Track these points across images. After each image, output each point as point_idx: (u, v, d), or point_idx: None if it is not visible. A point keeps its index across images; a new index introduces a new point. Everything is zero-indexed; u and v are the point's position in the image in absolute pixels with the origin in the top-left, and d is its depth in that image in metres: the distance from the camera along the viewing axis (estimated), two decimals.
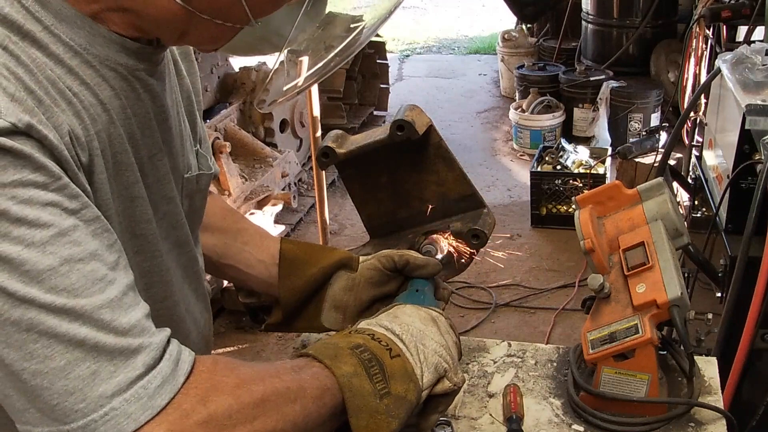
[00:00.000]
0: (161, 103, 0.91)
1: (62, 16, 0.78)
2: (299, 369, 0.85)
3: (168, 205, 0.96)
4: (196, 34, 0.84)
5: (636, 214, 1.27)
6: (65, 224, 0.71)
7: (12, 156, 0.68)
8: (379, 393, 0.88)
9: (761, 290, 1.68)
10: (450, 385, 0.97)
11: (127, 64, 0.84)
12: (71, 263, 0.70)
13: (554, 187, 4.16)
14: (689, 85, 3.55)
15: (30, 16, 0.76)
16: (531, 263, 3.90)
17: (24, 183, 0.68)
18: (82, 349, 0.69)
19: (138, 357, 0.72)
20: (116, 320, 0.71)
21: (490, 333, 3.35)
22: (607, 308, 1.20)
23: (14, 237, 0.67)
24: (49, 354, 0.68)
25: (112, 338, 0.71)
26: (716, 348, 1.88)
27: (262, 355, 3.21)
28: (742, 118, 1.90)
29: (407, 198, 1.38)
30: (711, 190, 2.38)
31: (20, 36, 0.74)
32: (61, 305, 0.69)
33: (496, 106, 6.34)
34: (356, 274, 1.22)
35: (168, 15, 0.79)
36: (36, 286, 0.68)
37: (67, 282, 0.69)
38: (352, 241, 4.03)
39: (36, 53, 0.75)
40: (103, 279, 0.72)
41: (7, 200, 0.67)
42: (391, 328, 0.97)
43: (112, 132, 0.83)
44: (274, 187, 3.99)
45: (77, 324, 0.69)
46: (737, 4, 3.00)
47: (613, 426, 1.18)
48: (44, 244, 0.69)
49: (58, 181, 0.71)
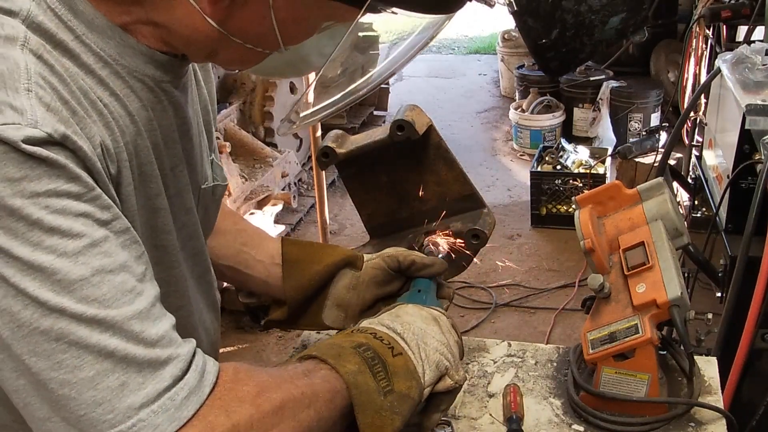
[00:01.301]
0: (184, 115, 0.92)
1: (94, 25, 0.78)
2: (310, 373, 0.85)
3: (186, 216, 0.97)
4: (226, 55, 0.85)
5: (636, 214, 1.27)
6: (97, 235, 0.71)
7: (47, 165, 0.68)
8: (383, 390, 0.88)
9: (761, 290, 1.68)
10: (451, 382, 0.98)
11: (154, 75, 0.84)
12: (102, 274, 0.70)
13: (554, 187, 4.16)
14: (689, 85, 3.54)
15: (62, 24, 0.76)
16: (531, 263, 3.90)
17: (58, 193, 0.69)
18: (112, 360, 0.69)
19: (166, 368, 0.72)
20: (145, 331, 0.72)
21: (490, 333, 3.35)
22: (607, 308, 1.20)
23: (47, 246, 0.67)
24: (78, 364, 0.68)
25: (141, 349, 0.71)
26: (716, 348, 1.87)
27: (262, 355, 3.21)
28: (742, 118, 1.90)
29: (407, 198, 1.38)
30: (711, 190, 2.38)
31: (53, 44, 0.75)
32: (91, 316, 0.69)
33: (496, 106, 6.34)
34: (360, 273, 1.22)
35: (200, 35, 0.80)
36: (67, 296, 0.68)
37: (98, 293, 0.69)
38: (352, 241, 4.03)
39: (68, 63, 0.76)
40: (133, 290, 0.72)
41: (40, 209, 0.67)
42: (392, 327, 0.98)
43: (138, 143, 0.83)
44: (274, 187, 3.99)
45: (107, 335, 0.69)
46: (737, 4, 3.00)
47: (613, 426, 1.18)
48: (76, 254, 0.69)
49: (91, 192, 0.72)
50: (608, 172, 4.25)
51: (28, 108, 0.68)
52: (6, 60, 0.70)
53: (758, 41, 2.56)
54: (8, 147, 0.66)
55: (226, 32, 0.80)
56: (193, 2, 0.77)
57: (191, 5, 0.77)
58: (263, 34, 0.80)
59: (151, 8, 0.79)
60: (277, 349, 3.27)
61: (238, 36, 0.81)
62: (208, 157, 1.05)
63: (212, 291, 1.11)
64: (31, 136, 0.67)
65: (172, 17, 0.79)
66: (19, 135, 0.66)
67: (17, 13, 0.74)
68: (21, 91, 0.69)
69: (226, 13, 0.77)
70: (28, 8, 0.74)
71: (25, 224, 0.67)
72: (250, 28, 0.80)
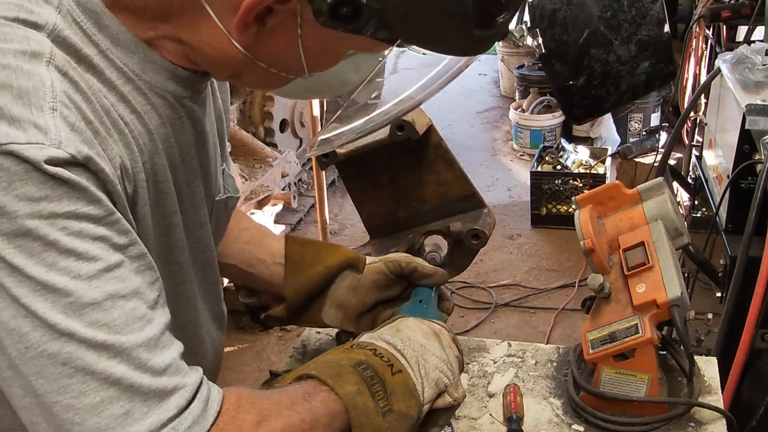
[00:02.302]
0: (201, 129, 0.91)
1: (118, 40, 0.78)
2: (309, 396, 0.85)
3: (199, 230, 0.97)
4: (250, 77, 0.85)
5: (636, 214, 1.27)
6: (112, 260, 0.70)
7: (68, 187, 0.67)
8: (381, 410, 0.88)
9: (761, 290, 1.68)
10: (450, 400, 0.97)
11: (175, 91, 0.84)
12: (114, 299, 0.70)
13: (554, 187, 4.16)
14: (689, 85, 3.54)
15: (87, 39, 0.76)
16: (531, 263, 3.90)
17: (77, 215, 0.68)
18: (117, 388, 0.69)
19: (171, 398, 0.72)
20: (152, 360, 0.71)
21: (490, 333, 3.35)
22: (607, 308, 1.20)
23: (61, 267, 0.67)
24: (83, 390, 0.68)
25: (148, 378, 0.70)
26: (716, 348, 1.87)
27: (263, 355, 3.21)
28: (742, 118, 1.90)
29: (407, 198, 1.38)
30: (711, 190, 2.38)
31: (77, 59, 0.74)
32: (100, 341, 0.68)
33: (496, 106, 6.34)
34: (361, 276, 1.22)
35: (225, 57, 0.80)
36: (77, 320, 0.67)
37: (109, 318, 0.69)
38: (352, 241, 4.03)
39: (92, 79, 0.75)
40: (143, 318, 0.72)
41: (57, 230, 0.67)
42: (393, 342, 0.97)
43: (156, 161, 0.83)
44: (274, 187, 3.98)
45: (115, 361, 0.69)
46: (737, 4, 3.00)
47: (613, 426, 1.18)
48: (90, 277, 0.68)
49: (110, 216, 0.71)
50: (608, 172, 4.25)
51: (52, 127, 0.68)
52: (31, 77, 0.69)
53: (758, 41, 2.56)
54: (30, 166, 0.66)
55: (253, 57, 0.80)
56: (221, 26, 0.77)
57: (219, 28, 0.77)
58: (289, 61, 0.81)
59: (178, 26, 0.79)
60: (277, 349, 3.27)
61: (264, 61, 0.81)
62: (219, 168, 1.04)
63: (219, 303, 1.10)
64: (54, 156, 0.66)
65: (198, 37, 0.79)
66: (42, 155, 0.66)
67: (43, 26, 0.73)
68: (45, 110, 0.68)
69: (254, 39, 0.77)
70: (54, 22, 0.74)
71: (41, 244, 0.66)
72: (277, 54, 0.80)
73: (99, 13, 0.76)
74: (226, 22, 0.76)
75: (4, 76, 0.68)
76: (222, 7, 0.76)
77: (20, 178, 0.65)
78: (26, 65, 0.69)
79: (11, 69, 0.68)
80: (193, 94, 0.87)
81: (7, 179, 0.65)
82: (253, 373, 3.07)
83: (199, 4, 0.76)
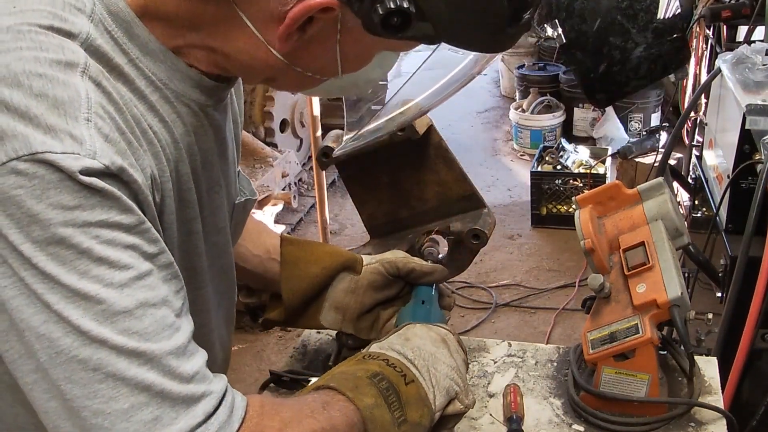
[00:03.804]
0: (222, 136, 0.92)
1: (148, 49, 0.78)
2: (328, 405, 0.86)
3: (218, 236, 0.97)
4: (284, 81, 0.87)
5: (636, 214, 1.27)
6: (143, 268, 0.71)
7: (101, 196, 0.68)
8: (397, 421, 0.90)
9: (761, 290, 1.68)
10: (461, 407, 0.99)
11: (199, 100, 0.84)
12: (145, 307, 0.70)
13: (554, 187, 4.16)
14: (689, 85, 3.54)
15: (118, 47, 0.76)
16: (531, 263, 3.90)
17: (109, 224, 0.69)
18: (147, 394, 0.69)
19: (199, 405, 0.73)
20: (181, 367, 0.72)
21: (490, 333, 3.35)
22: (607, 308, 1.20)
23: (93, 276, 0.68)
24: (113, 395, 0.68)
25: (177, 385, 0.71)
26: (716, 348, 1.87)
27: (263, 355, 3.21)
28: (742, 118, 1.90)
29: (407, 198, 1.38)
30: (711, 190, 2.38)
31: (109, 69, 0.75)
32: (132, 348, 0.69)
33: (496, 106, 6.34)
34: (359, 277, 1.22)
35: (261, 64, 0.81)
36: (109, 327, 0.68)
37: (140, 326, 0.70)
38: (352, 241, 4.03)
39: (123, 89, 0.76)
40: (172, 325, 0.73)
41: (90, 239, 0.68)
42: (403, 352, 0.98)
43: (180, 170, 0.84)
44: (274, 187, 3.99)
45: (145, 368, 0.69)
46: (737, 4, 3.00)
47: (613, 426, 1.18)
48: (122, 286, 0.69)
49: (142, 225, 0.72)
50: (608, 172, 4.25)
51: (87, 138, 0.68)
52: (67, 87, 0.69)
53: (758, 41, 2.56)
54: (65, 175, 0.66)
55: (290, 63, 0.81)
56: (259, 36, 0.77)
57: (256, 37, 0.78)
58: (325, 65, 0.83)
59: (209, 35, 0.80)
60: (277, 349, 3.27)
61: (300, 66, 0.82)
62: (236, 172, 1.05)
63: (232, 307, 1.11)
64: (89, 167, 0.67)
65: (232, 45, 0.80)
66: (77, 165, 0.66)
67: (76, 35, 0.73)
68: (81, 120, 0.69)
69: (293, 47, 0.78)
70: (87, 31, 0.74)
71: (74, 252, 0.67)
72: (315, 60, 0.82)
73: (129, 22, 0.77)
74: (264, 31, 0.77)
75: (40, 85, 0.68)
76: (259, 17, 0.76)
77: (54, 186, 0.66)
78: (62, 75, 0.70)
79: (47, 78, 0.69)
80: (215, 102, 0.88)
81: (41, 187, 0.66)
82: (253, 373, 3.07)
83: (235, 15, 0.76)
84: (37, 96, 0.68)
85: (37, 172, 0.66)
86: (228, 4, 0.76)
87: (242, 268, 1.22)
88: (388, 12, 0.72)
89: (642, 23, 0.79)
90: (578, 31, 0.85)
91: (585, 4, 0.81)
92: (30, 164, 0.66)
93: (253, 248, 1.22)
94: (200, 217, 0.90)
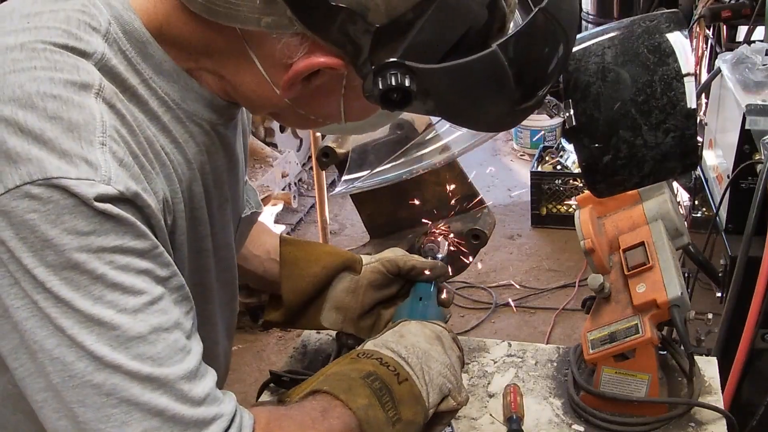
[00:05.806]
0: (232, 153, 0.92)
1: (161, 69, 0.78)
2: (326, 413, 0.87)
3: (224, 251, 0.97)
4: (288, 119, 0.88)
5: (636, 214, 1.27)
6: (156, 292, 0.71)
7: (115, 222, 0.68)
8: (391, 420, 0.90)
9: (761, 290, 1.68)
10: (454, 404, 0.99)
11: (211, 119, 0.84)
12: (158, 332, 0.71)
13: (554, 187, 4.16)
14: None
15: (131, 68, 0.76)
16: (531, 263, 3.89)
17: (124, 250, 0.69)
18: (160, 419, 0.70)
19: (210, 427, 0.73)
20: (192, 390, 0.72)
21: (490, 333, 3.35)
22: (607, 308, 1.20)
23: (108, 301, 0.68)
24: (126, 420, 0.69)
25: (188, 409, 0.71)
26: (716, 348, 1.87)
27: (263, 355, 3.21)
28: (742, 118, 1.90)
29: (407, 198, 1.38)
30: (711, 190, 2.38)
31: (122, 89, 0.75)
32: (146, 374, 0.69)
33: None
34: (359, 277, 1.22)
35: (265, 101, 0.81)
36: (123, 353, 0.68)
37: (153, 351, 0.70)
38: (352, 241, 4.03)
39: (135, 110, 0.76)
40: (183, 349, 0.73)
41: (104, 264, 0.68)
42: (397, 350, 0.98)
43: (193, 189, 0.84)
44: (274, 187, 3.98)
45: (158, 393, 0.70)
46: (737, 4, 3.00)
47: (613, 426, 1.18)
48: (136, 311, 0.69)
49: (155, 249, 0.72)
50: None
51: (102, 163, 0.68)
52: (82, 110, 0.69)
53: (758, 41, 2.56)
54: (80, 201, 0.66)
55: (295, 107, 0.81)
56: (266, 76, 0.77)
57: (263, 76, 0.77)
58: (329, 112, 0.83)
59: (219, 64, 0.80)
60: (277, 349, 3.27)
61: (304, 110, 0.83)
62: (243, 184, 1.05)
63: (234, 318, 1.11)
64: (104, 193, 0.67)
65: (240, 79, 0.80)
66: (93, 192, 0.66)
67: (91, 55, 0.73)
68: (96, 145, 0.68)
69: (298, 93, 0.78)
70: (102, 51, 0.74)
71: (88, 278, 0.67)
72: (319, 107, 0.82)
73: (145, 43, 0.77)
74: (270, 72, 0.77)
75: (55, 108, 0.68)
76: (268, 58, 0.76)
77: (69, 211, 0.66)
78: (76, 97, 0.69)
79: (62, 100, 0.68)
80: (226, 121, 0.87)
81: (55, 212, 0.66)
82: (253, 373, 3.07)
83: (244, 51, 0.76)
84: (52, 119, 0.67)
85: (52, 196, 0.66)
86: (239, 40, 0.76)
87: (242, 268, 1.22)
88: (387, 89, 0.72)
89: (655, 122, 0.80)
90: (589, 117, 0.86)
91: (602, 90, 0.82)
92: (44, 189, 0.65)
93: (252, 248, 1.22)
94: (210, 234, 0.90)
